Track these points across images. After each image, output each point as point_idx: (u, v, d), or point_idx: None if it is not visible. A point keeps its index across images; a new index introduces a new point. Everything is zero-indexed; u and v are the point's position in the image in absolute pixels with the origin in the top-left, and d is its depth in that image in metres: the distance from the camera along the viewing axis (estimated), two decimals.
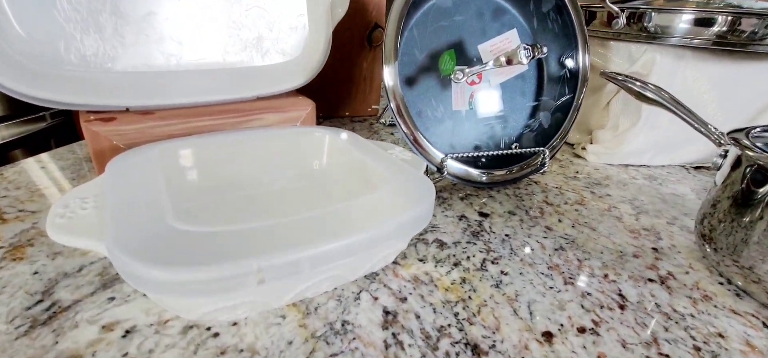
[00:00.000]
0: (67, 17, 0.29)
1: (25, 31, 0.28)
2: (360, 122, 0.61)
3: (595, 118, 0.50)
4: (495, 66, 0.34)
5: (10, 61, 0.27)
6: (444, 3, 0.39)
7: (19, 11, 0.28)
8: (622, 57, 0.45)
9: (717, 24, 0.36)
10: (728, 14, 0.36)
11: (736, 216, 0.27)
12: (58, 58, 0.30)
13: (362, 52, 0.60)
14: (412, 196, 0.22)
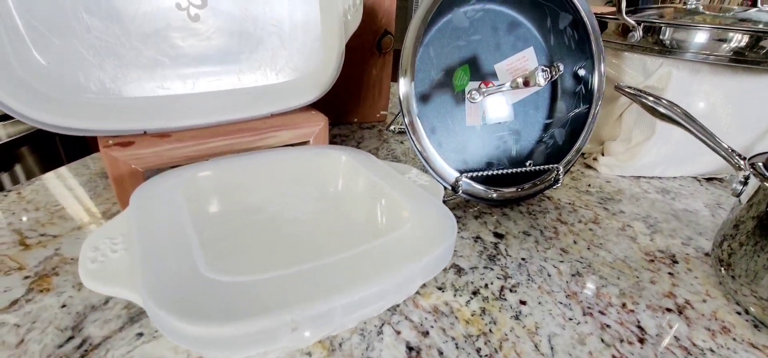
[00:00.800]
0: (87, 45, 0.29)
1: (45, 60, 0.28)
2: (369, 129, 0.61)
3: (607, 129, 0.50)
4: (512, 88, 0.34)
5: (30, 90, 0.28)
6: (460, 21, 0.38)
7: (39, 40, 0.28)
8: (637, 69, 0.45)
9: (734, 41, 0.36)
10: (747, 33, 0.35)
11: (755, 245, 0.27)
12: (77, 86, 0.30)
13: (372, 58, 0.60)
14: (435, 232, 0.23)
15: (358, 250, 0.20)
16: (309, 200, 0.29)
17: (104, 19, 0.31)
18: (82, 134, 0.30)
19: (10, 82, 0.26)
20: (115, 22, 0.31)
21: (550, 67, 0.33)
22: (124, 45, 0.32)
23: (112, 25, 0.31)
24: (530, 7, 0.39)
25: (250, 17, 0.39)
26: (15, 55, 0.26)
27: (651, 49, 0.41)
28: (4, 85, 0.26)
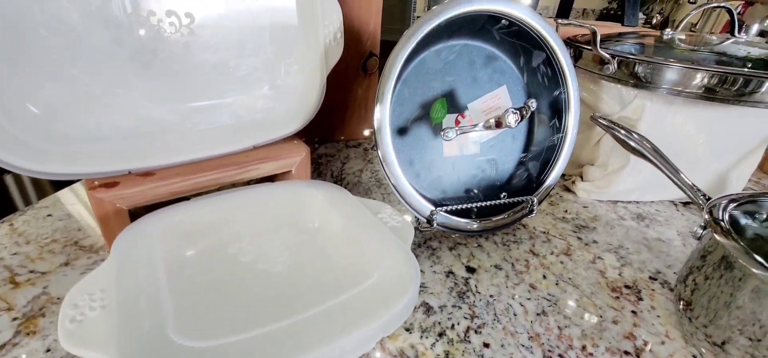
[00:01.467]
0: (74, 95, 0.31)
1: (38, 109, 0.29)
2: (355, 147, 0.62)
3: (585, 153, 0.51)
4: (484, 128, 0.35)
5: (16, 141, 0.29)
6: (437, 57, 0.39)
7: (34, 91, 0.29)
8: (614, 97, 0.46)
9: (705, 78, 0.37)
10: (715, 73, 0.36)
11: (710, 291, 0.28)
12: (64, 134, 0.31)
13: (358, 79, 0.61)
14: (399, 284, 0.24)
15: (323, 307, 0.22)
16: (282, 247, 0.30)
17: (89, 70, 0.32)
18: (67, 179, 0.31)
19: None
20: (99, 72, 0.32)
21: (521, 108, 0.34)
22: (109, 92, 0.33)
23: (98, 74, 0.32)
24: (505, 44, 0.40)
25: (231, 52, 0.40)
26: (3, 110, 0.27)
27: (626, 81, 0.42)
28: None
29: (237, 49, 0.40)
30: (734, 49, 0.44)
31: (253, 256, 0.27)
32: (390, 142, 0.36)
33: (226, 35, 0.39)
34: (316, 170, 0.54)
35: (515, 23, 0.37)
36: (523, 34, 0.38)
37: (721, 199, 0.32)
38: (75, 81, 0.32)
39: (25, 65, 0.29)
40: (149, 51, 0.35)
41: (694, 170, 0.48)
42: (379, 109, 0.35)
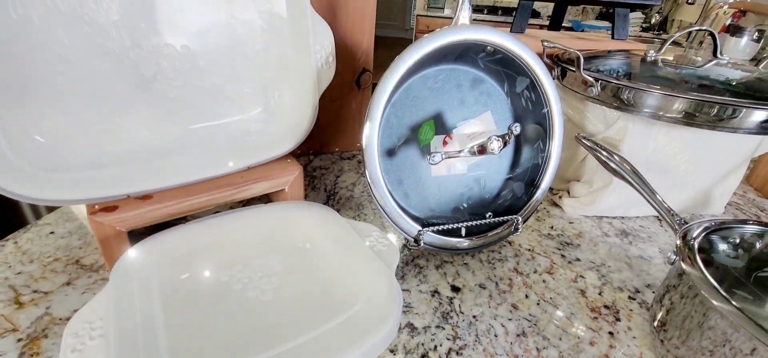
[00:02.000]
0: (75, 124, 0.32)
1: (43, 139, 0.31)
2: (349, 159, 0.64)
3: (572, 170, 0.52)
4: (469, 154, 0.37)
5: (19, 171, 0.30)
6: (422, 87, 0.41)
7: (38, 122, 0.31)
8: (598, 117, 0.47)
9: (684, 104, 0.38)
10: (693, 100, 0.37)
11: (684, 310, 0.29)
12: (66, 163, 0.32)
13: (351, 93, 0.62)
14: (382, 312, 0.25)
15: (309, 335, 0.23)
16: (272, 273, 0.31)
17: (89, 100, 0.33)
18: (70, 204, 0.33)
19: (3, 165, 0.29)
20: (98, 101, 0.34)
21: (504, 134, 0.36)
22: (108, 120, 0.34)
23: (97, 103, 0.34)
24: (490, 70, 0.41)
25: (225, 77, 0.41)
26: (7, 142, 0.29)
27: (609, 103, 0.43)
28: None
29: (231, 74, 0.41)
30: (716, 71, 0.45)
31: (243, 284, 0.29)
32: (378, 165, 0.37)
33: (220, 61, 0.40)
34: (311, 184, 0.55)
35: (499, 51, 0.38)
36: (507, 62, 0.39)
37: (695, 224, 0.33)
38: (76, 111, 0.33)
39: (29, 98, 0.31)
40: (147, 79, 0.36)
41: (677, 187, 0.49)
42: (367, 131, 0.36)
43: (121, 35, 0.33)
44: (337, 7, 0.54)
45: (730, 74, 0.44)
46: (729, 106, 0.36)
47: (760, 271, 0.27)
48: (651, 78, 0.45)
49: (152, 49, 0.35)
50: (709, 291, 0.25)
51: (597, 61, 0.55)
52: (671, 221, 0.36)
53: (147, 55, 0.35)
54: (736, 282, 0.26)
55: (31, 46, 0.30)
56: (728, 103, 0.36)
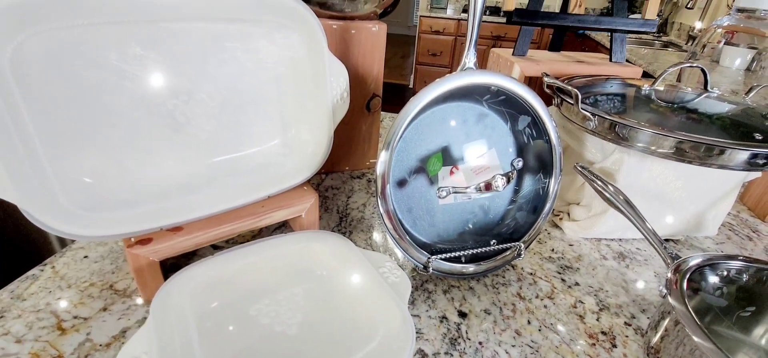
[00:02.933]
0: (117, 166, 0.35)
1: (91, 180, 0.34)
2: (358, 178, 0.67)
3: (571, 194, 0.55)
4: (476, 190, 0.39)
5: (69, 213, 0.33)
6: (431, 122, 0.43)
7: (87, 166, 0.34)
8: (596, 146, 0.50)
9: (674, 142, 0.41)
10: (681, 140, 0.40)
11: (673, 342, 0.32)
12: (107, 201, 0.35)
13: (362, 117, 0.65)
14: (398, 345, 0.28)
15: None
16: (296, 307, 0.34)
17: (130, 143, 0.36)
18: (111, 240, 0.36)
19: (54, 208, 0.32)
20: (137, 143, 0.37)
21: (508, 173, 0.38)
22: (144, 161, 0.37)
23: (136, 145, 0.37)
24: (493, 109, 0.44)
25: (248, 116, 0.44)
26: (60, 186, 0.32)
27: (606, 136, 0.46)
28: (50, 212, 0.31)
29: (254, 114, 0.44)
30: (706, 105, 0.48)
31: (271, 318, 0.32)
32: (391, 197, 0.40)
33: (245, 103, 0.43)
34: (324, 205, 0.58)
35: (502, 92, 0.41)
36: (509, 102, 0.42)
37: (686, 259, 0.36)
38: (117, 154, 0.36)
39: (81, 146, 0.34)
40: (180, 123, 0.39)
41: (671, 212, 0.52)
42: (382, 164, 0.39)
43: (161, 88, 0.36)
44: (350, 41, 0.57)
45: (719, 108, 0.47)
46: (715, 146, 0.38)
47: (743, 310, 0.29)
48: (645, 112, 0.48)
49: (187, 97, 0.38)
50: (692, 329, 0.28)
51: (595, 87, 0.57)
52: (663, 253, 0.38)
53: (181, 104, 0.38)
54: (719, 320, 0.29)
55: (84, 102, 0.33)
56: (714, 143, 0.38)
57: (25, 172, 0.30)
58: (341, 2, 0.53)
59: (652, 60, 2.07)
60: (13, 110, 0.28)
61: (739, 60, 0.73)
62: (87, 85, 0.33)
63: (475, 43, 0.40)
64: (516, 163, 0.41)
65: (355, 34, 0.57)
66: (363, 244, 0.50)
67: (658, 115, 0.48)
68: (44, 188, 0.31)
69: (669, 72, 0.50)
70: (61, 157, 0.33)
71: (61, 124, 0.32)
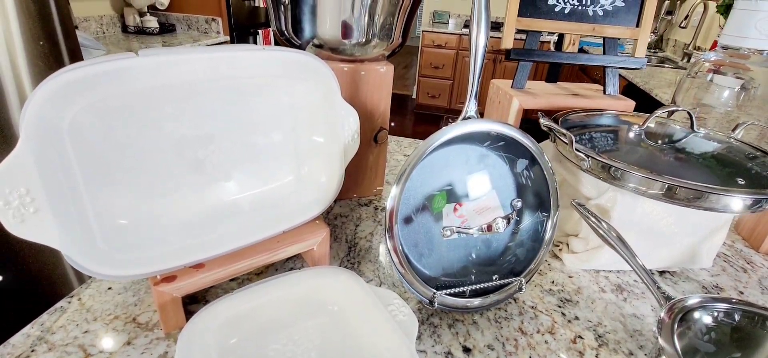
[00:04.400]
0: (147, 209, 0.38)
1: (126, 220, 0.37)
2: (366, 206, 0.69)
3: (570, 225, 0.57)
4: (479, 232, 0.42)
5: (102, 254, 0.36)
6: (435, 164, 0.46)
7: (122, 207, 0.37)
8: (592, 183, 0.53)
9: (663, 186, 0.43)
10: (669, 185, 0.43)
11: None
12: (136, 241, 0.38)
13: (370, 148, 0.68)
14: None
15: None
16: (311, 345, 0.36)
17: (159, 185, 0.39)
18: (140, 278, 0.38)
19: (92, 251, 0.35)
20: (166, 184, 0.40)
21: (508, 215, 0.41)
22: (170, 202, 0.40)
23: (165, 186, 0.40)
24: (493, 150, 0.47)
25: (266, 155, 0.47)
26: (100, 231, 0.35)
27: (599, 175, 0.49)
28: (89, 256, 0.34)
29: (271, 153, 0.47)
30: (694, 144, 0.51)
31: (287, 353, 0.34)
32: (399, 234, 0.43)
33: (262, 143, 0.46)
34: (334, 234, 0.61)
35: (502, 138, 0.44)
36: (508, 145, 0.45)
37: (679, 302, 0.38)
38: (149, 196, 0.39)
39: (119, 191, 0.37)
40: (203, 164, 0.43)
41: (665, 246, 0.54)
42: (392, 199, 0.41)
43: (189, 138, 0.39)
44: (360, 81, 0.60)
45: (707, 147, 0.50)
46: (702, 191, 0.41)
47: (730, 356, 0.32)
48: (637, 151, 0.51)
49: (212, 146, 0.41)
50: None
51: (590, 121, 0.61)
52: (656, 293, 0.41)
53: (209, 153, 0.41)
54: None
55: (124, 153, 0.36)
56: (702, 189, 0.41)
57: (72, 221, 0.33)
58: (352, 48, 0.56)
59: (648, 78, 2.11)
60: (67, 167, 0.32)
61: (727, 92, 0.76)
62: (127, 140, 0.36)
63: (476, 94, 0.44)
64: (515, 203, 0.44)
65: (365, 75, 0.60)
66: (371, 274, 0.53)
67: (648, 155, 0.51)
68: (86, 234, 0.34)
69: (658, 114, 0.53)
70: (102, 204, 0.36)
71: (103, 174, 0.35)
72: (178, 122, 0.38)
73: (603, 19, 0.69)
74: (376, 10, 0.55)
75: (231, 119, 0.43)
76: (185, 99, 0.38)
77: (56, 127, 0.30)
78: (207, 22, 2.40)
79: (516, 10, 0.69)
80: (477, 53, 0.43)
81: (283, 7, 0.55)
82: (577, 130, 0.61)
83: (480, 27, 0.43)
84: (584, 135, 0.59)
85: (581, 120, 0.64)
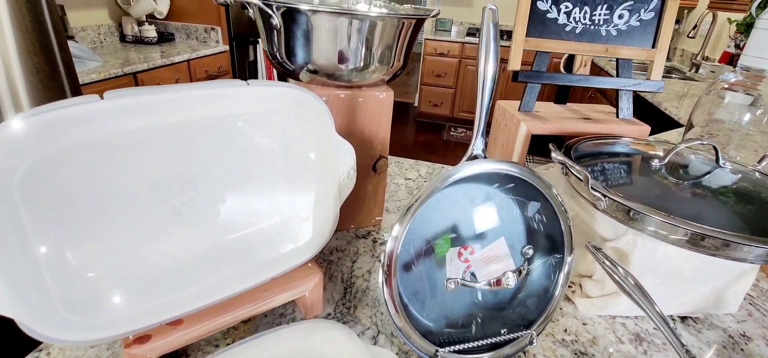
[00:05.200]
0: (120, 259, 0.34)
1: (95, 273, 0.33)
2: (364, 238, 0.65)
3: (584, 266, 0.53)
4: (488, 286, 0.38)
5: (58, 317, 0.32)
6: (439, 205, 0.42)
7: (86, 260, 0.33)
8: (607, 222, 0.48)
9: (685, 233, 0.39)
10: (689, 230, 0.39)
11: None
12: (105, 300, 0.34)
13: (368, 177, 0.64)
14: None
15: None
16: None
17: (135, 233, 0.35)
18: (109, 341, 0.35)
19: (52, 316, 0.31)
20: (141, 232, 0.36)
21: (519, 268, 0.37)
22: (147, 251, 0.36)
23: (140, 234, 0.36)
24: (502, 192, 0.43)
25: (252, 195, 0.43)
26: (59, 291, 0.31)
27: (617, 216, 0.45)
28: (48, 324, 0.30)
29: (258, 195, 0.44)
30: (720, 179, 0.46)
31: None
32: (398, 285, 0.39)
33: (250, 182, 0.43)
34: (328, 271, 0.57)
35: (511, 179, 0.40)
36: (518, 188, 0.41)
37: None
38: (121, 246, 0.35)
39: (84, 239, 0.33)
40: (183, 210, 0.39)
41: (689, 290, 0.50)
42: (393, 241, 0.38)
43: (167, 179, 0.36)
44: (357, 108, 0.57)
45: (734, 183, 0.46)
46: (733, 241, 0.37)
47: None
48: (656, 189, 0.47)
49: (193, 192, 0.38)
50: None
51: (604, 148, 0.57)
52: (680, 351, 0.36)
53: (188, 200, 0.37)
54: None
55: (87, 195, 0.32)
56: (729, 239, 0.37)
57: (24, 283, 0.30)
58: (349, 73, 0.53)
59: None
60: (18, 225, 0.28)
61: (738, 107, 0.73)
62: (95, 187, 0.32)
63: (483, 131, 0.40)
64: (526, 251, 0.40)
65: (362, 101, 0.56)
66: (368, 321, 0.49)
67: (670, 192, 0.47)
68: (42, 296, 0.31)
69: (681, 148, 0.49)
70: (64, 260, 0.32)
71: (67, 227, 0.32)
72: (153, 165, 0.35)
73: (617, 40, 0.66)
74: (374, 35, 0.51)
75: (214, 159, 0.40)
76: (160, 141, 0.35)
77: (5, 182, 0.27)
78: (206, 31, 2.38)
79: (524, 30, 0.65)
80: (485, 86, 0.40)
81: (275, 32, 0.51)
82: (590, 160, 0.57)
83: (489, 57, 0.40)
84: (596, 166, 0.55)
85: (594, 148, 0.60)
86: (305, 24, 0.50)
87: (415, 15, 0.52)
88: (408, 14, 0.52)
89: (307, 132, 0.43)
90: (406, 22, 0.52)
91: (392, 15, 0.50)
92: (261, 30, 0.55)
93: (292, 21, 0.50)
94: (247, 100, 0.37)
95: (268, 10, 0.49)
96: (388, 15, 0.51)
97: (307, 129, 0.42)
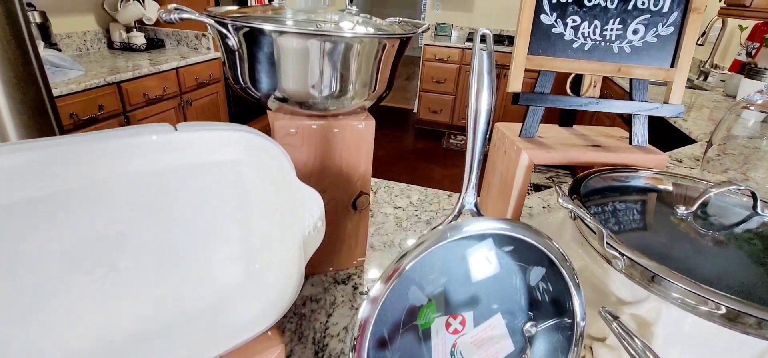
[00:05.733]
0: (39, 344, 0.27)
1: None
2: (343, 283, 0.58)
3: (595, 328, 0.46)
4: None
5: None
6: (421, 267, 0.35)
7: None
8: (624, 284, 0.41)
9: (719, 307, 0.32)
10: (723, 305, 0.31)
11: None
12: None
13: (348, 215, 0.57)
14: None
15: None
16: None
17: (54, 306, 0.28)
18: None
19: None
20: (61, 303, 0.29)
21: (522, 354, 0.30)
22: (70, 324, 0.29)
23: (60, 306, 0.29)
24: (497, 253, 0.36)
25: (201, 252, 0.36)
26: None
27: (637, 279, 0.37)
28: None
29: (209, 252, 0.36)
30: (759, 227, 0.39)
31: None
32: None
33: (196, 241, 0.35)
34: (298, 328, 0.50)
35: (511, 241, 0.32)
36: (519, 251, 0.33)
37: None
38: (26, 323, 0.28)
39: None
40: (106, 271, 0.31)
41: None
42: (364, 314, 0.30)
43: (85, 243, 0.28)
44: (333, 140, 0.49)
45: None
46: None
47: None
48: (683, 241, 0.40)
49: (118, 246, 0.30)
50: None
51: (617, 183, 0.49)
52: None
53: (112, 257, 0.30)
54: None
55: None
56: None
57: None
58: (324, 101, 0.46)
59: None
60: None
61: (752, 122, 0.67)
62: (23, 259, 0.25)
63: (476, 183, 0.32)
64: (528, 330, 0.32)
65: (339, 132, 0.49)
66: None
67: (700, 248, 0.40)
68: None
69: (713, 194, 0.42)
70: None
71: None
72: (68, 227, 0.27)
73: (631, 58, 0.58)
74: (351, 58, 0.44)
75: (147, 216, 0.32)
76: (77, 202, 0.27)
77: None
78: (197, 38, 2.31)
79: (526, 47, 0.58)
80: (478, 127, 0.32)
81: (236, 54, 0.44)
82: (601, 198, 0.50)
83: (482, 91, 0.32)
84: (607, 206, 0.48)
85: (606, 183, 0.53)
86: (269, 46, 0.42)
87: (398, 35, 0.45)
88: (389, 34, 0.44)
89: (261, 182, 0.35)
90: (388, 43, 0.45)
91: (371, 36, 0.43)
92: (223, 56, 0.47)
93: (254, 43, 0.43)
94: (180, 147, 0.30)
95: (222, 30, 0.42)
96: (366, 36, 0.44)
97: (260, 178, 0.35)
